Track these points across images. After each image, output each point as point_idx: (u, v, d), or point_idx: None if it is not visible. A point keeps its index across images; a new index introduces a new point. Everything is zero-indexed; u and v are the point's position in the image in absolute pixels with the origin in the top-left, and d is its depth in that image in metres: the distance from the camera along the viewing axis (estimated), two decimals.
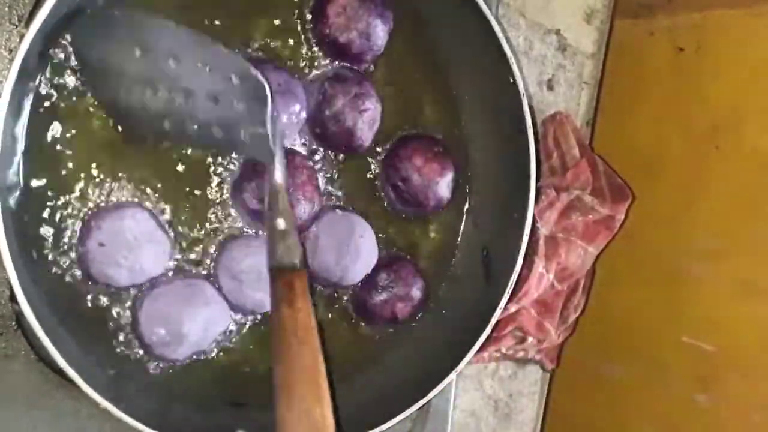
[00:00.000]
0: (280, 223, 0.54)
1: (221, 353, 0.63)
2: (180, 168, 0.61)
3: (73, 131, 0.57)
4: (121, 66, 0.55)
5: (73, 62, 0.56)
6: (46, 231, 0.56)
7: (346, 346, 0.68)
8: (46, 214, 0.56)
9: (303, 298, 0.51)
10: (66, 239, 0.57)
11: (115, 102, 0.57)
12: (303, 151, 0.65)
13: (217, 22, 0.61)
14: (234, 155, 0.62)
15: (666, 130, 0.85)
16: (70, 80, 0.56)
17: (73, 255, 0.57)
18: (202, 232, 0.62)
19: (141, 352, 0.59)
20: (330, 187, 0.67)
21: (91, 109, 0.57)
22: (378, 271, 0.67)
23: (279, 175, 0.56)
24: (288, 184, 0.57)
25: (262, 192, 0.60)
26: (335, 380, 0.66)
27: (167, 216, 0.60)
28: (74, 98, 0.56)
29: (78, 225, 0.57)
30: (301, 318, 0.50)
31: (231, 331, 0.63)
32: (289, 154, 0.63)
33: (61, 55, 0.55)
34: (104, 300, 0.58)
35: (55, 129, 0.56)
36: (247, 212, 0.61)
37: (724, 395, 0.77)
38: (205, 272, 0.62)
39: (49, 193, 0.56)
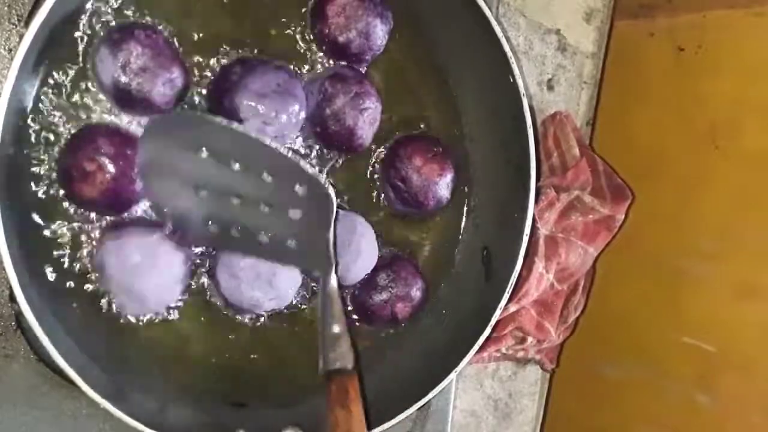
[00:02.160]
0: (335, 328, 0.56)
1: (221, 353, 0.63)
2: None
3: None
4: (181, 165, 0.55)
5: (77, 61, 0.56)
6: (48, 230, 0.56)
7: None
8: (47, 210, 0.56)
9: (356, 401, 0.54)
10: (67, 239, 0.57)
11: (165, 201, 0.57)
12: (303, 150, 0.65)
13: (217, 23, 0.61)
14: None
15: (666, 130, 0.85)
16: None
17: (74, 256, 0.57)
18: None
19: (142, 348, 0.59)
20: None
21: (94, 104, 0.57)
22: (378, 271, 0.67)
23: (335, 282, 0.58)
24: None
25: None
26: None
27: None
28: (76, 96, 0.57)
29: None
30: (354, 423, 0.53)
31: (230, 330, 0.63)
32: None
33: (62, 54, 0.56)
34: (104, 300, 0.58)
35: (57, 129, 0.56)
36: None
37: (724, 395, 0.77)
38: (204, 270, 0.62)
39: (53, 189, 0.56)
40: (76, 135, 0.56)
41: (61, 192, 0.56)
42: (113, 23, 0.57)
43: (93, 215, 0.57)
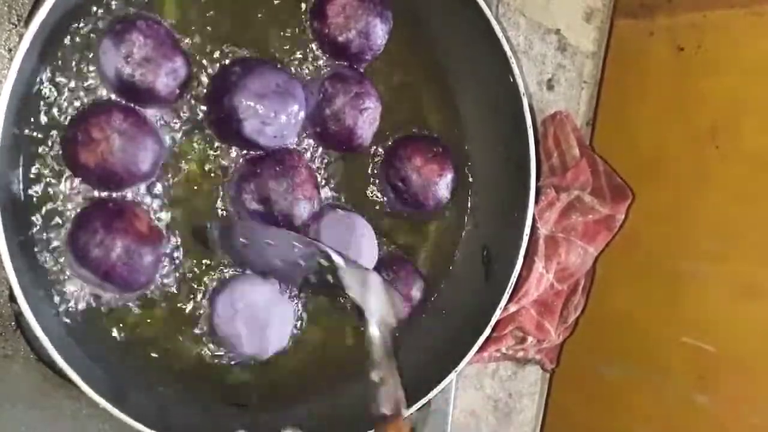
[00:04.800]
0: (373, 375, 0.57)
1: (222, 354, 0.63)
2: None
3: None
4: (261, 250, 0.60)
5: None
6: (47, 230, 0.56)
7: (347, 347, 0.68)
8: (48, 213, 0.56)
9: None
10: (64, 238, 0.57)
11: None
12: (302, 150, 0.65)
13: (217, 23, 0.61)
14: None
15: (666, 129, 0.85)
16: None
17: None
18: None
19: (142, 349, 0.59)
20: (330, 187, 0.67)
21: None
22: (378, 271, 0.67)
23: (375, 330, 0.58)
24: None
25: (261, 193, 0.60)
26: (337, 381, 0.67)
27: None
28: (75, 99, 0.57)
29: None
30: None
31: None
32: (288, 153, 0.62)
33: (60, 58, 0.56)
34: (103, 300, 0.58)
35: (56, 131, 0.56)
36: (247, 214, 0.61)
37: (724, 395, 0.77)
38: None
39: (51, 191, 0.56)
40: (94, 104, 0.56)
41: (61, 191, 0.56)
42: (113, 18, 0.57)
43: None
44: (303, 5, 0.64)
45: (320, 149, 0.66)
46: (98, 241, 0.54)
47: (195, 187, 0.61)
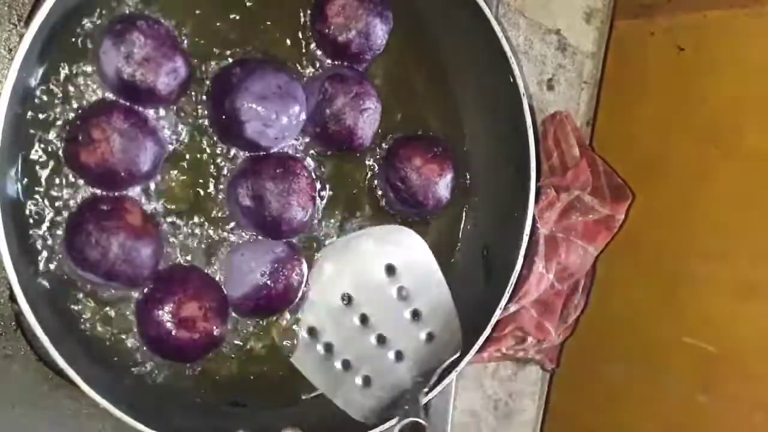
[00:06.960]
0: None
1: (222, 353, 0.63)
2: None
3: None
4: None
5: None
6: (47, 230, 0.56)
7: None
8: (47, 212, 0.56)
9: None
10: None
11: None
12: (302, 151, 0.65)
13: (217, 23, 0.61)
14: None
15: (666, 130, 0.85)
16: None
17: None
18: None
19: (142, 350, 0.59)
20: (329, 187, 0.67)
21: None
22: None
23: None
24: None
25: (256, 190, 0.60)
26: None
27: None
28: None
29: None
30: None
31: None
32: (293, 160, 0.62)
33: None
34: (104, 300, 0.58)
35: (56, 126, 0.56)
36: (239, 209, 0.61)
37: (725, 395, 0.77)
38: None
39: (51, 192, 0.56)
40: (94, 104, 0.56)
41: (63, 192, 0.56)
42: (113, 17, 0.57)
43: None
44: (303, 5, 0.64)
45: (320, 150, 0.66)
46: (93, 242, 0.54)
47: (196, 188, 0.61)
